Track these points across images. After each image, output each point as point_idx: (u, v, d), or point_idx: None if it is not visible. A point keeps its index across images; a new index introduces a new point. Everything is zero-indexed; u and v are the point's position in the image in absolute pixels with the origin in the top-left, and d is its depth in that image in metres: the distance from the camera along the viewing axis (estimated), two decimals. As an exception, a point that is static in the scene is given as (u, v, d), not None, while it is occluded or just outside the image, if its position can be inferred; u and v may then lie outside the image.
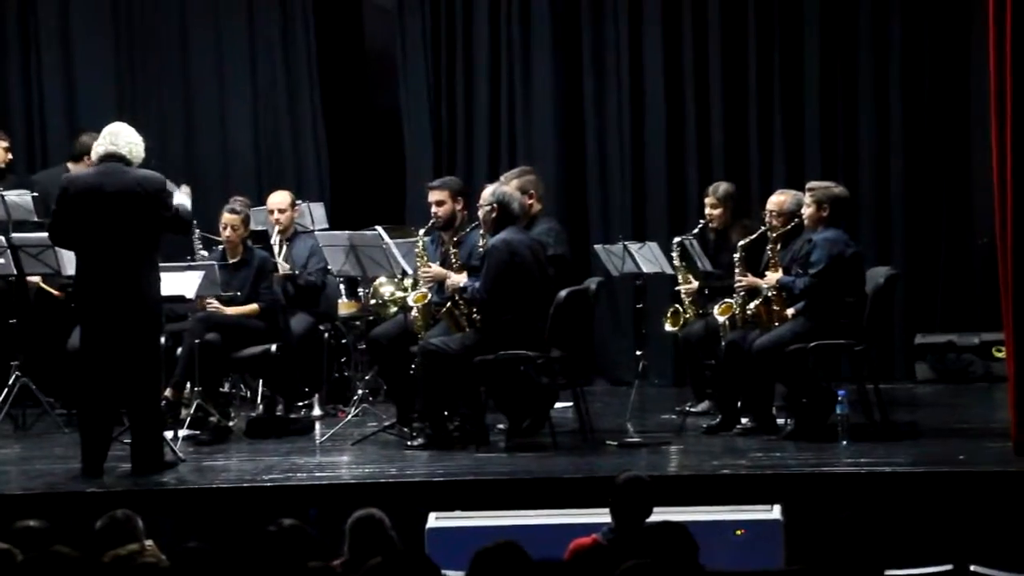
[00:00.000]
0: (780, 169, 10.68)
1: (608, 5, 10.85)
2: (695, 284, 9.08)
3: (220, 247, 9.19)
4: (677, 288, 9.12)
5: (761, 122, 10.78)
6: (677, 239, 9.21)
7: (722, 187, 9.21)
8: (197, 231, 9.17)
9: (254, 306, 8.98)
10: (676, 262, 9.11)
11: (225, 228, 9.02)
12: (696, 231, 9.21)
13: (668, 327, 9.14)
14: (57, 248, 8.72)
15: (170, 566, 4.62)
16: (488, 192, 8.44)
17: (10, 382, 9.12)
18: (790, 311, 8.33)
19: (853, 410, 8.18)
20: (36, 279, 9.47)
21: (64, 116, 10.97)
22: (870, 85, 10.67)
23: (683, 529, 4.87)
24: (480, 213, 8.42)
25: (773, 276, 8.38)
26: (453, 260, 8.54)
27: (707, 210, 9.13)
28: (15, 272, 9.08)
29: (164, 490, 7.45)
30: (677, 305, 9.09)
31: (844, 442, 8.02)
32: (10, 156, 10.20)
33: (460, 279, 8.41)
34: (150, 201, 7.66)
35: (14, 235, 9.18)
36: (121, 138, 7.78)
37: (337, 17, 11.34)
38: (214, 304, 8.84)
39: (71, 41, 11.02)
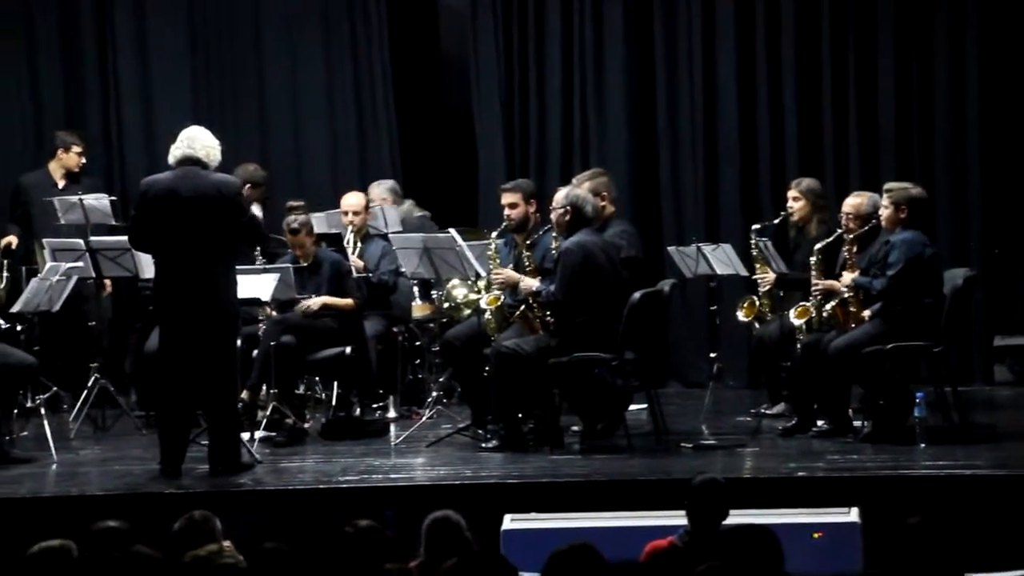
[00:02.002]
0: (855, 171, 10.59)
1: (681, 5, 10.81)
2: (772, 275, 9.02)
3: (291, 250, 9.24)
4: (755, 278, 9.07)
5: (836, 124, 10.69)
6: (756, 226, 9.17)
7: (805, 181, 9.14)
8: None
9: (350, 300, 9.01)
10: (753, 251, 9.05)
11: (294, 247, 9.06)
12: (777, 221, 9.17)
13: (742, 316, 9.08)
14: (135, 251, 8.82)
15: (248, 567, 4.65)
16: (561, 195, 8.44)
17: (89, 384, 9.23)
18: (866, 313, 8.27)
19: (931, 412, 8.11)
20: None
21: (141, 122, 11.07)
22: (946, 84, 10.56)
23: (769, 533, 4.83)
24: (553, 216, 8.42)
25: (849, 276, 8.32)
26: (526, 263, 8.54)
27: (789, 202, 9.05)
28: (94, 275, 9.19)
29: (241, 491, 7.51)
30: (753, 296, 9.05)
31: (922, 445, 7.95)
32: (83, 160, 10.32)
33: (533, 283, 8.42)
34: (227, 205, 7.72)
35: (93, 239, 9.30)
36: (198, 142, 7.84)
37: (410, 19, 11.38)
38: (311, 301, 8.87)
39: (147, 47, 11.12)
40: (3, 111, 11.02)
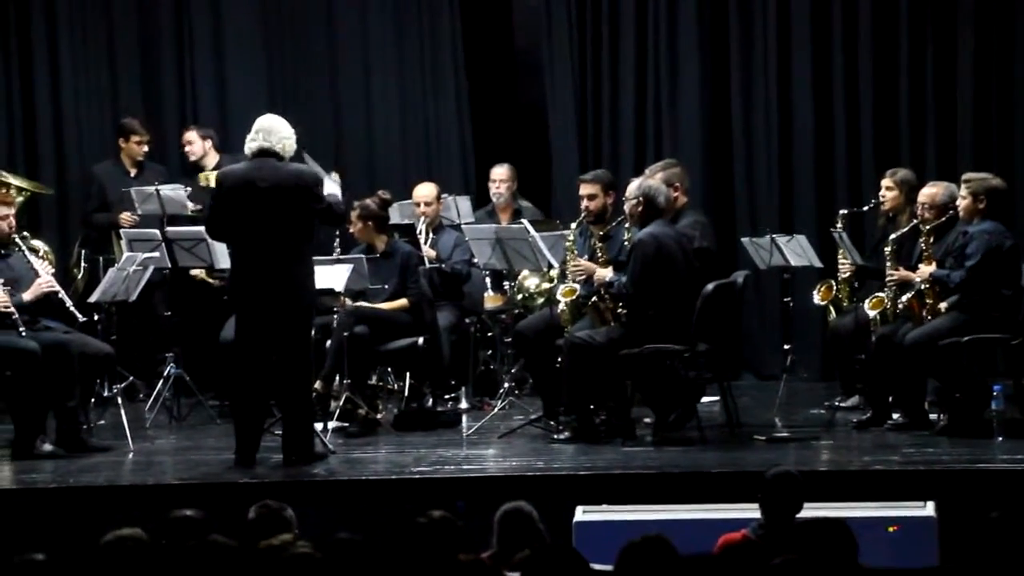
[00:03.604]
0: (932, 162, 10.46)
1: (756, -1, 10.75)
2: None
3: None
4: (839, 262, 8.99)
5: (912, 114, 10.57)
6: (843, 211, 9.12)
7: (901, 172, 9.04)
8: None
9: (403, 301, 9.05)
10: (838, 237, 8.98)
11: (351, 226, 9.12)
12: (866, 209, 9.10)
13: (817, 299, 9.04)
14: (210, 241, 8.89)
15: (322, 557, 4.67)
16: (634, 186, 8.41)
17: (164, 373, 9.32)
18: (943, 304, 8.18)
19: (1009, 406, 8.03)
20: (199, 272, 9.66)
21: (216, 111, 11.13)
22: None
23: (843, 526, 4.79)
24: (626, 207, 8.40)
25: (926, 269, 8.24)
26: (600, 255, 8.52)
27: (882, 191, 8.96)
28: (169, 265, 9.26)
29: (315, 481, 7.55)
30: (831, 280, 8.99)
31: (999, 438, 7.88)
32: (145, 148, 10.38)
33: (606, 273, 8.40)
34: (304, 195, 7.77)
35: (169, 229, 9.38)
36: (274, 135, 7.89)
37: (483, 11, 11.38)
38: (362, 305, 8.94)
39: (223, 37, 11.18)
40: (81, 99, 11.11)
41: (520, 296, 9.63)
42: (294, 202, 7.75)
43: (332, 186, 8.81)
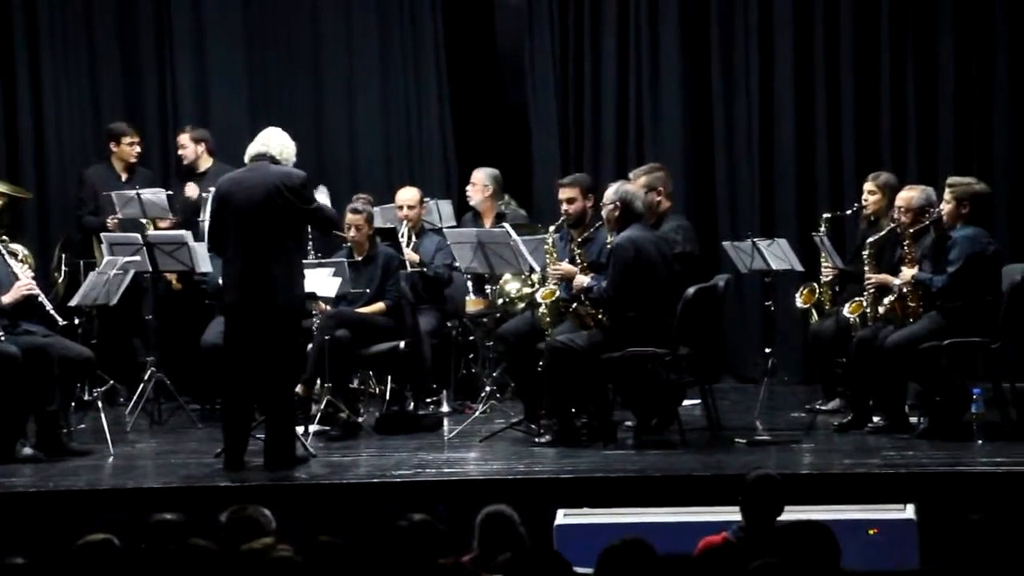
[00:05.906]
0: (913, 166, 10.49)
1: (738, 1, 10.75)
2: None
3: (347, 245, 9.28)
4: (822, 265, 9.00)
5: (894, 118, 10.60)
6: (826, 215, 9.13)
7: (883, 175, 9.05)
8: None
9: (380, 305, 9.05)
10: (819, 241, 8.99)
11: (350, 229, 9.11)
12: (849, 213, 9.10)
13: (800, 303, 9.06)
14: (191, 245, 8.88)
15: (303, 560, 4.66)
16: (611, 191, 8.43)
17: (145, 377, 9.30)
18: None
19: (988, 409, 8.06)
20: (173, 277, 9.69)
21: (197, 118, 11.10)
22: (1006, 80, 10.45)
23: (825, 529, 4.80)
24: (604, 212, 8.41)
25: (908, 272, 8.26)
26: (579, 259, 8.53)
27: (864, 195, 8.97)
28: (150, 269, 9.24)
29: (296, 485, 7.55)
30: (814, 283, 9.00)
31: (979, 441, 7.91)
32: (138, 149, 10.37)
33: (585, 279, 8.41)
34: (289, 194, 7.76)
35: (150, 232, 9.36)
36: (273, 140, 7.97)
37: (466, 15, 11.38)
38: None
39: (204, 42, 11.17)
40: (62, 103, 11.08)
41: (501, 300, 9.63)
42: (278, 203, 7.74)
43: (323, 198, 8.80)
